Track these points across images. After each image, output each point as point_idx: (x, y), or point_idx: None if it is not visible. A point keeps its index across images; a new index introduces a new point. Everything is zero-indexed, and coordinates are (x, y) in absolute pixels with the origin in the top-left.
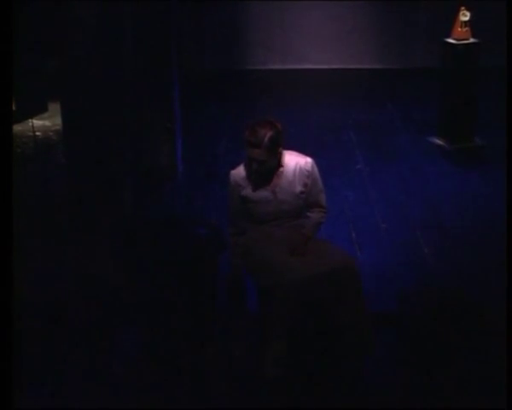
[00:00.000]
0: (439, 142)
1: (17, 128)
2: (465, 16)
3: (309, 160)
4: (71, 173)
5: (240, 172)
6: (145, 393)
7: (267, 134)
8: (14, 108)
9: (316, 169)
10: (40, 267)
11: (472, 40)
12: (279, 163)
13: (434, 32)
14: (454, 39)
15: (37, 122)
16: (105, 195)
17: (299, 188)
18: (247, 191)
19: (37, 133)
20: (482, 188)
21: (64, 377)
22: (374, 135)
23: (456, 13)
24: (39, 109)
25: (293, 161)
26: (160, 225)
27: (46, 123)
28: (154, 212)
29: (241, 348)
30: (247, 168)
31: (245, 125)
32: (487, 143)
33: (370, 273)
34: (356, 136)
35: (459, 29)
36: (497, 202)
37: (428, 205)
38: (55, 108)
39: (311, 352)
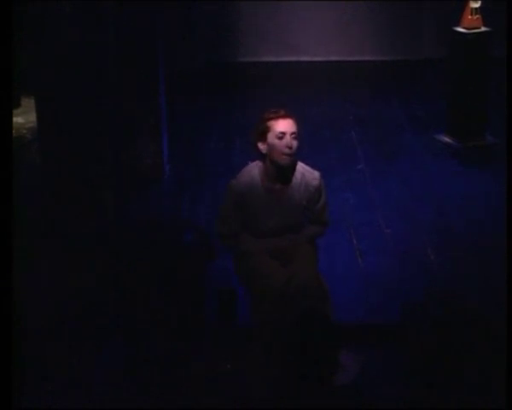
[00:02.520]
0: (447, 139)
1: None
2: (476, 3)
3: (316, 175)
4: (46, 175)
5: (244, 179)
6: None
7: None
8: None
9: (323, 185)
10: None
11: (483, 29)
12: (294, 168)
13: (442, 20)
14: (464, 28)
15: None
16: (84, 198)
17: (303, 203)
18: (252, 201)
19: None
20: (494, 189)
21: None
22: (376, 132)
23: None
24: None
25: (300, 173)
26: (145, 231)
27: (19, 120)
28: (137, 216)
29: (231, 363)
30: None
31: (258, 118)
32: (500, 141)
33: (373, 282)
34: (357, 133)
35: (469, 17)
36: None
37: (436, 208)
38: (28, 103)
39: (298, 371)
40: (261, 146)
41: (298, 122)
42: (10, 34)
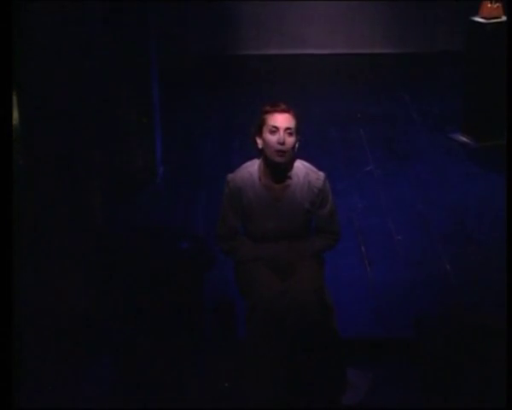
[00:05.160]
0: (463, 139)
1: None
2: None
3: (321, 175)
4: (29, 178)
5: (241, 174)
6: None
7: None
8: None
9: (328, 187)
10: None
11: (504, 18)
12: (291, 167)
13: (458, 9)
14: (482, 17)
15: None
16: (70, 203)
17: (305, 205)
18: (249, 198)
19: None
20: None
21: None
22: (387, 131)
23: None
24: None
25: (303, 172)
26: (136, 238)
27: None
28: (128, 222)
29: (231, 379)
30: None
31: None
32: None
33: (383, 294)
34: (366, 132)
35: (488, 5)
36: None
37: (451, 213)
38: None
39: (302, 389)
40: (258, 140)
41: (300, 119)
42: (10, 34)
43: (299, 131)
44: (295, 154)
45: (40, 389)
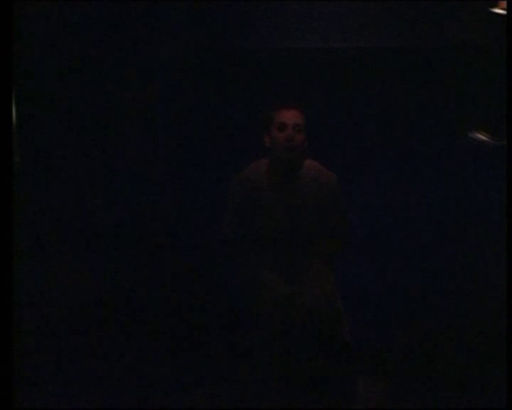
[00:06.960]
0: (482, 137)
1: None
2: None
3: (332, 175)
4: (25, 177)
5: (248, 174)
6: None
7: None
8: None
9: (338, 188)
10: None
11: None
12: (300, 166)
13: (475, 0)
14: (502, 9)
15: None
16: (68, 204)
17: (315, 207)
18: (256, 199)
19: None
20: None
21: None
22: (398, 129)
23: None
24: None
25: (313, 173)
26: (137, 239)
27: None
28: (129, 223)
29: (234, 391)
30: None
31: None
32: None
33: (394, 301)
34: (375, 130)
35: None
36: None
37: (469, 217)
38: None
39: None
40: (265, 139)
41: (309, 116)
42: (10, 34)
43: (305, 132)
44: (305, 153)
45: (40, 389)
